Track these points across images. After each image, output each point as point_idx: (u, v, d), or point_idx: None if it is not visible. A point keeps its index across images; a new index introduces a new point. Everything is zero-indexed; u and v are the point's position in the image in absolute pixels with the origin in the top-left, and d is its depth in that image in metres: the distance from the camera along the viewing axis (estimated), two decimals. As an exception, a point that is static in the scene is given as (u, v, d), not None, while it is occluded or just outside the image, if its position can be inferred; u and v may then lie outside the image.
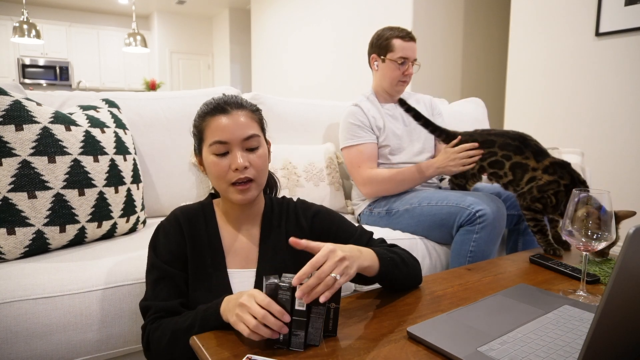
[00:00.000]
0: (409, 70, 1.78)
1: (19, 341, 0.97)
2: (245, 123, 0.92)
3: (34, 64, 7.56)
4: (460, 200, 1.54)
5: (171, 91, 1.92)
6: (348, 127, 1.79)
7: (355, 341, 0.77)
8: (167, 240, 0.94)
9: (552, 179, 1.36)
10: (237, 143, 0.91)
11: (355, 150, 1.77)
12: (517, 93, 3.06)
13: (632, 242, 0.51)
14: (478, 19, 4.19)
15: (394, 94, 1.85)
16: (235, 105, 0.93)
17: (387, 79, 1.81)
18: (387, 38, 1.78)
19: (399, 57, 1.76)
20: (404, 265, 0.95)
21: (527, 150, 1.44)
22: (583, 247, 0.93)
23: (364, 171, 1.74)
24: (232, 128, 0.91)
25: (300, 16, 5.50)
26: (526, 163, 1.43)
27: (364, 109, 1.79)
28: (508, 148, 1.47)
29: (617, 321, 0.56)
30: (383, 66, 1.81)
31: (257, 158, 0.93)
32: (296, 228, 1.02)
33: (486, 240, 1.47)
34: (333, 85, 5.01)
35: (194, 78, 8.67)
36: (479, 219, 1.47)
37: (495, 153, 1.50)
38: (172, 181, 1.72)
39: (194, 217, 0.98)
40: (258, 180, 0.94)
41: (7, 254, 1.17)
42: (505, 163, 1.47)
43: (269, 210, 1.03)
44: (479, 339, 0.74)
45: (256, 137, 0.93)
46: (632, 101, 2.50)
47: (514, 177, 1.45)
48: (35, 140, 1.20)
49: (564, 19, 2.77)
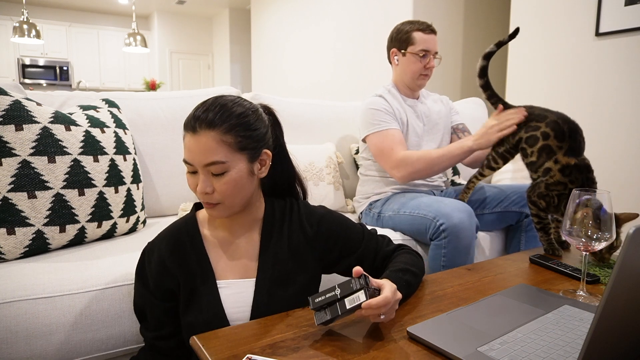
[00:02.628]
0: (430, 63, 1.74)
1: (19, 341, 0.97)
2: (210, 148, 0.84)
3: (34, 64, 7.56)
4: (429, 211, 1.51)
5: (171, 91, 1.92)
6: (372, 114, 1.71)
7: (355, 341, 0.77)
8: (152, 273, 0.92)
9: (562, 180, 1.28)
10: (200, 167, 0.85)
11: (382, 135, 1.69)
12: (517, 93, 3.06)
13: (632, 242, 0.51)
14: (478, 19, 4.19)
15: (415, 89, 1.81)
16: (205, 124, 0.84)
17: (409, 72, 1.76)
18: (408, 31, 1.74)
19: (420, 49, 1.72)
20: (415, 279, 0.96)
21: (567, 140, 1.29)
22: (583, 247, 0.93)
23: (397, 153, 1.64)
24: (194, 151, 0.85)
25: (300, 16, 5.50)
26: (555, 152, 1.30)
27: (388, 99, 1.75)
28: (554, 127, 1.32)
29: (617, 321, 0.56)
30: (404, 60, 1.76)
31: (222, 184, 0.86)
32: (300, 233, 0.98)
33: (455, 254, 1.44)
34: (333, 85, 5.01)
35: (194, 78, 8.67)
36: (443, 233, 1.45)
37: (538, 127, 1.34)
38: (172, 181, 1.72)
39: (178, 244, 0.93)
40: (226, 202, 0.88)
41: (7, 254, 1.17)
42: (539, 142, 1.33)
43: (270, 215, 0.99)
44: (479, 339, 0.74)
45: (219, 164, 0.84)
46: (632, 101, 2.50)
47: (537, 160, 1.33)
48: (35, 140, 1.20)
49: (564, 19, 2.77)
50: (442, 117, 1.86)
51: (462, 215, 1.45)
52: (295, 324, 0.83)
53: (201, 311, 0.89)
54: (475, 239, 1.48)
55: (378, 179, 1.80)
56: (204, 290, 0.90)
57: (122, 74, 8.43)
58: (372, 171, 1.82)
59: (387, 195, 1.75)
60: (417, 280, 0.98)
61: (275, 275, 0.93)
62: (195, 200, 1.77)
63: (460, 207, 1.47)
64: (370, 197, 1.80)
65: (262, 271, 0.93)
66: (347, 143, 2.17)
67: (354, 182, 2.12)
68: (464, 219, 1.44)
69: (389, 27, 2.09)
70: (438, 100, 1.93)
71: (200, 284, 0.90)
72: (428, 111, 1.84)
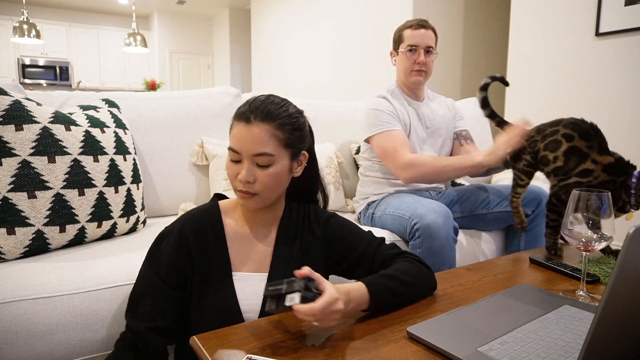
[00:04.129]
0: (419, 58, 1.72)
1: (19, 341, 0.97)
2: (261, 139, 0.88)
3: (34, 64, 7.56)
4: (407, 211, 1.51)
5: (171, 91, 1.92)
6: (376, 115, 1.71)
7: (355, 341, 0.77)
8: (169, 253, 0.92)
9: (608, 179, 1.21)
10: (248, 156, 0.89)
11: (386, 135, 1.68)
12: (517, 93, 3.06)
13: (632, 242, 0.51)
14: (478, 19, 4.19)
15: (412, 87, 1.80)
16: (260, 116, 0.89)
17: (401, 70, 1.78)
18: (399, 30, 1.77)
19: (408, 45, 1.73)
20: (405, 287, 0.91)
21: (595, 138, 1.24)
22: (583, 247, 0.93)
23: (403, 154, 1.63)
24: (246, 140, 0.89)
25: (300, 16, 5.50)
26: (587, 152, 1.23)
27: (390, 101, 1.75)
28: (575, 128, 1.27)
29: (617, 321, 0.56)
30: (397, 59, 1.80)
31: (265, 176, 0.90)
32: (310, 235, 1.01)
33: (429, 254, 1.42)
34: (333, 85, 5.01)
35: (194, 78, 8.67)
36: (417, 232, 1.44)
37: (557, 132, 1.29)
38: (172, 181, 1.72)
39: (200, 227, 0.95)
40: (263, 195, 0.92)
41: (7, 254, 1.17)
42: (563, 144, 1.27)
43: (287, 216, 1.02)
44: (479, 339, 0.74)
45: (268, 156, 0.89)
46: (632, 101, 2.50)
47: (565, 164, 1.26)
48: (35, 140, 1.20)
49: (564, 19, 2.77)
50: (445, 121, 1.85)
51: (436, 215, 1.43)
52: (295, 324, 0.83)
53: (217, 301, 0.90)
54: (454, 242, 1.46)
55: (378, 180, 1.80)
56: (219, 280, 0.92)
57: (122, 74, 8.43)
58: (372, 172, 1.82)
59: (384, 196, 1.76)
60: (410, 289, 0.92)
61: (287, 273, 0.94)
62: (195, 200, 1.77)
63: (435, 208, 1.46)
64: (368, 198, 1.80)
65: (275, 267, 0.96)
66: (347, 143, 2.17)
67: (354, 182, 2.12)
68: (438, 220, 1.42)
69: (389, 27, 2.09)
70: (443, 103, 1.91)
71: (215, 272, 0.93)
72: (432, 114, 1.82)
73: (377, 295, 0.85)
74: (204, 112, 1.81)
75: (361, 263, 1.00)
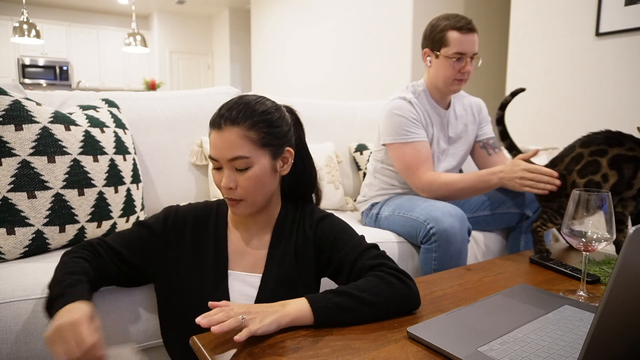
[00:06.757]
0: (466, 68, 1.56)
1: (19, 341, 0.97)
2: (234, 143, 0.87)
3: (34, 64, 7.56)
4: (421, 214, 1.47)
5: (171, 91, 1.92)
6: (400, 122, 1.57)
7: (355, 341, 0.77)
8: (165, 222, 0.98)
9: None
10: (224, 162, 0.89)
11: (410, 148, 1.57)
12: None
13: (632, 242, 0.51)
14: (478, 19, 4.18)
15: (448, 94, 1.66)
16: (230, 120, 0.88)
17: (441, 77, 1.59)
18: (442, 30, 1.56)
19: (455, 52, 1.54)
20: (361, 304, 0.82)
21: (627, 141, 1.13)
22: (583, 247, 0.93)
23: (423, 174, 1.56)
24: (219, 147, 0.89)
25: (300, 16, 5.50)
26: (634, 155, 1.12)
27: (415, 106, 1.61)
28: (596, 142, 1.18)
29: (617, 321, 0.56)
30: (436, 62, 1.59)
31: (245, 180, 0.89)
32: (304, 237, 1.00)
33: (446, 258, 1.40)
34: (333, 85, 5.01)
35: (194, 78, 8.67)
36: (433, 237, 1.41)
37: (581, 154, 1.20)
38: (172, 181, 1.72)
39: (205, 217, 1.01)
40: (248, 199, 0.92)
41: (7, 253, 1.17)
42: (601, 161, 1.15)
43: (283, 218, 1.02)
44: (479, 339, 0.74)
45: (243, 159, 0.88)
46: (632, 101, 2.50)
47: (621, 176, 1.13)
48: (34, 140, 1.20)
49: (564, 19, 2.77)
50: (468, 132, 1.75)
51: (453, 220, 1.40)
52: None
53: (207, 291, 0.92)
54: (468, 242, 1.45)
55: (386, 185, 1.74)
56: (214, 276, 0.94)
57: (122, 74, 8.43)
58: (383, 176, 1.75)
59: (390, 196, 1.73)
60: (368, 306, 0.83)
61: (280, 274, 0.96)
62: (195, 199, 1.77)
63: (451, 212, 1.42)
64: (373, 198, 1.77)
65: (269, 269, 0.96)
66: (347, 142, 2.16)
67: (353, 181, 2.12)
68: (455, 224, 1.39)
69: (389, 26, 2.07)
70: (469, 107, 1.77)
71: (212, 264, 0.95)
72: (455, 122, 1.72)
73: (322, 310, 0.80)
74: (203, 112, 1.81)
75: (342, 269, 0.95)
